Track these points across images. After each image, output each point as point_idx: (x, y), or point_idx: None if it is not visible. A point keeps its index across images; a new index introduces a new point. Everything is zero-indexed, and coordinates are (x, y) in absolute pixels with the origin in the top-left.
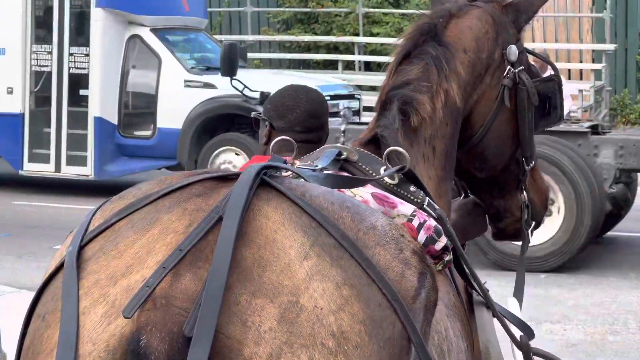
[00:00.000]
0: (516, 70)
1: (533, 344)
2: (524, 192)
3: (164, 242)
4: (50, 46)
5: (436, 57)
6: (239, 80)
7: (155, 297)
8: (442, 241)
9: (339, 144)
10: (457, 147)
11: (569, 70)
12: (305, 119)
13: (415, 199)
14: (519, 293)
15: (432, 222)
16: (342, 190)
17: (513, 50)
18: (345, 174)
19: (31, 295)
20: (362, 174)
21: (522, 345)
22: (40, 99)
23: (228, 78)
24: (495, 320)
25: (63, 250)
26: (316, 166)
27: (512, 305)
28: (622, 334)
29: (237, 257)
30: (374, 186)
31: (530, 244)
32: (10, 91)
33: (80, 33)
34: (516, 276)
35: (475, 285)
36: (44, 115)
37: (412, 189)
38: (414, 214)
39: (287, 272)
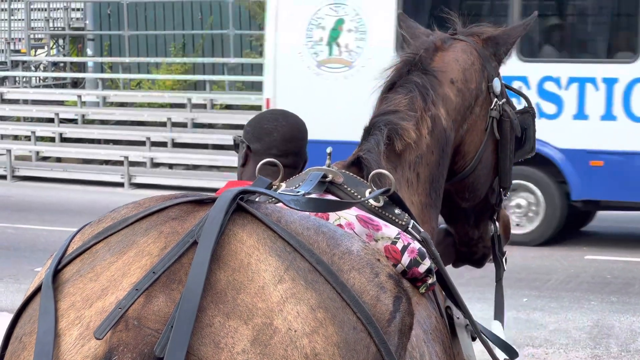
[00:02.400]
0: (501, 102)
1: None
2: (496, 222)
3: (138, 265)
4: None
5: (422, 85)
6: None
7: (127, 318)
8: (426, 264)
9: (324, 167)
10: (447, 178)
11: None
12: (282, 143)
13: (400, 222)
14: (499, 317)
15: (416, 245)
16: (327, 212)
17: (497, 83)
18: (330, 196)
19: (11, 317)
20: (347, 197)
21: None
22: None
23: None
24: (478, 342)
25: (42, 272)
26: (298, 192)
27: (495, 328)
28: (604, 357)
29: (211, 280)
30: (358, 208)
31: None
32: None
33: None
34: (495, 301)
35: (459, 307)
36: None
37: (397, 211)
38: (398, 236)
39: (262, 295)
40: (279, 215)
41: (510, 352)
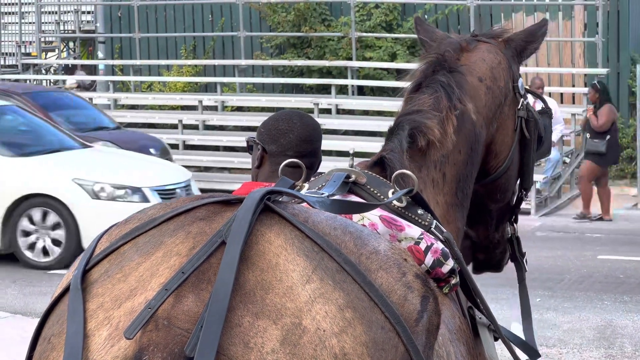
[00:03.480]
0: (526, 102)
1: None
2: (514, 223)
3: (167, 265)
4: None
5: (447, 84)
6: None
7: (157, 318)
8: (449, 264)
9: (347, 167)
10: (479, 178)
11: (562, 94)
12: (298, 144)
13: (423, 222)
14: (527, 317)
15: (439, 245)
16: (352, 214)
17: (521, 83)
18: (354, 197)
19: (25, 320)
20: (370, 197)
21: None
22: None
23: None
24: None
25: (70, 274)
26: (322, 193)
27: (515, 329)
28: (618, 357)
29: (240, 280)
30: (382, 209)
31: None
32: None
33: None
34: (520, 302)
35: (481, 308)
36: None
37: (420, 211)
38: (421, 236)
39: (290, 295)
40: (306, 215)
41: (532, 352)
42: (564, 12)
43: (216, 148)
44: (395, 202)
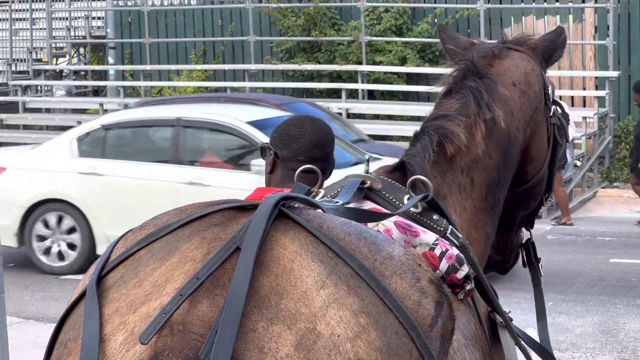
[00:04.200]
0: (557, 109)
1: None
2: (530, 229)
3: (182, 270)
4: None
5: (476, 89)
6: None
7: (172, 323)
8: (464, 270)
9: (362, 172)
10: (516, 184)
11: (573, 97)
12: (310, 149)
13: (438, 227)
14: (542, 320)
15: (454, 251)
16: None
17: (551, 90)
18: (369, 202)
19: (37, 325)
20: (385, 203)
21: None
22: None
23: None
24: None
25: (86, 279)
26: (337, 201)
27: (530, 333)
28: None
29: (255, 285)
30: (397, 214)
31: None
32: None
33: None
34: (536, 306)
35: (498, 313)
36: None
37: (435, 217)
38: (436, 242)
39: (305, 300)
40: (320, 221)
41: (547, 356)
42: (575, 15)
43: None
44: (411, 207)
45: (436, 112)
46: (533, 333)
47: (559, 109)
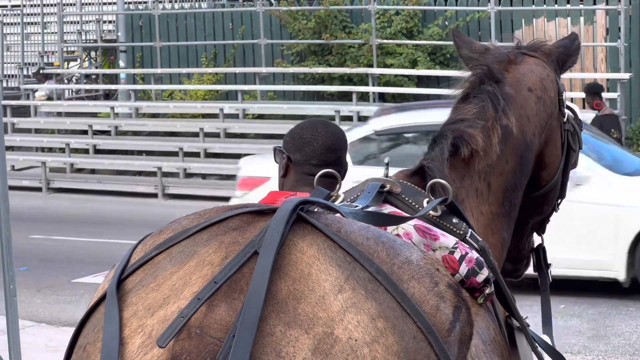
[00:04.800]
0: (571, 115)
1: None
2: (542, 235)
3: (200, 274)
4: None
5: (493, 94)
6: None
7: (189, 326)
8: (484, 273)
9: (382, 176)
10: (531, 190)
11: (584, 99)
12: (322, 153)
13: (458, 231)
14: (547, 325)
15: (474, 255)
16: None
17: (566, 96)
18: (389, 206)
19: (50, 329)
20: (405, 206)
21: None
22: None
23: None
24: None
25: (105, 283)
26: (357, 205)
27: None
28: None
29: (272, 290)
30: (416, 218)
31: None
32: None
33: None
34: (542, 311)
35: (516, 317)
36: None
37: (455, 220)
38: (456, 246)
39: (322, 304)
40: (338, 225)
41: (559, 358)
42: (586, 17)
43: (238, 156)
44: (430, 211)
45: (454, 116)
46: (547, 338)
47: (572, 114)
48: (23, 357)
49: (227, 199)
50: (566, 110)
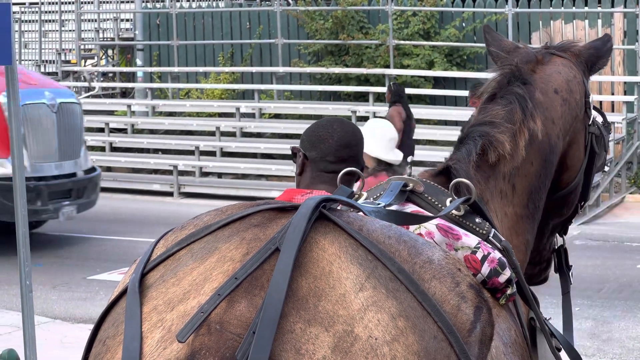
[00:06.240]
0: (597, 118)
1: None
2: (564, 236)
3: (221, 270)
4: None
5: (521, 96)
6: None
7: (209, 322)
8: (506, 274)
9: (405, 175)
10: (552, 192)
11: (601, 102)
12: (338, 149)
13: (481, 231)
14: (568, 328)
15: (496, 255)
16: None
17: (592, 99)
18: (411, 205)
19: (65, 325)
20: (428, 206)
21: None
22: None
23: None
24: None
25: (126, 279)
26: (379, 203)
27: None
28: None
29: (293, 287)
30: (439, 217)
31: None
32: None
33: None
34: (563, 314)
35: (536, 319)
36: None
37: (478, 220)
38: (478, 245)
39: (343, 302)
40: (360, 223)
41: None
42: (604, 20)
43: (254, 155)
44: (453, 210)
45: (482, 117)
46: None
47: (600, 117)
48: (38, 353)
49: (243, 198)
50: (593, 112)
